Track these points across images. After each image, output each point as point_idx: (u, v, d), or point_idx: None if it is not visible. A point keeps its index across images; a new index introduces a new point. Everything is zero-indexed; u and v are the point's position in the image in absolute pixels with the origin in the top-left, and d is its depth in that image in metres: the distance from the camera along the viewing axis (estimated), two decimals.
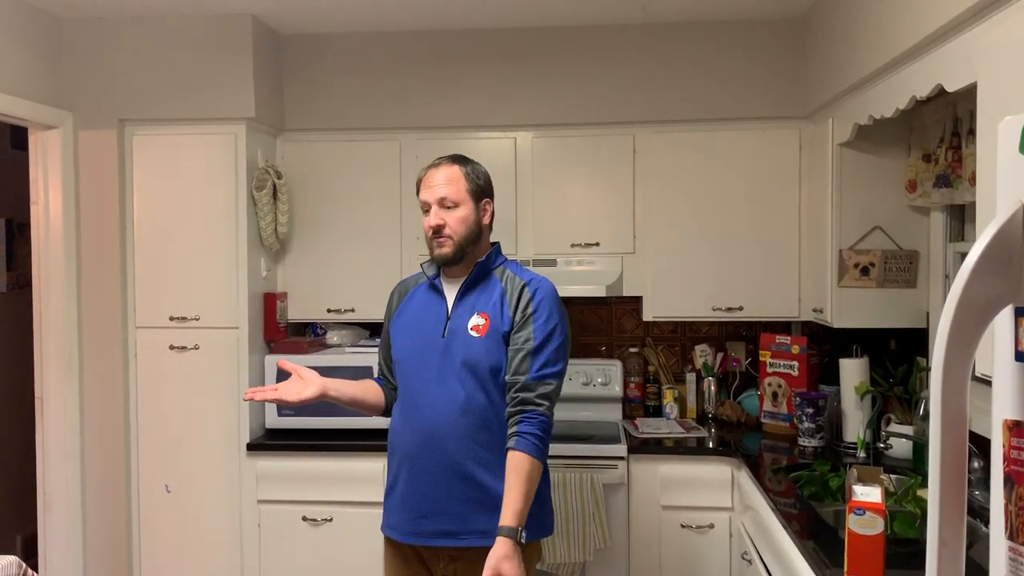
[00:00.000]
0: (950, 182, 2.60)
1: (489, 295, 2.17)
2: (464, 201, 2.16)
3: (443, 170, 2.18)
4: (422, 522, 2.11)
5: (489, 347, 2.10)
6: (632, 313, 3.73)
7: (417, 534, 2.12)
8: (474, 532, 2.06)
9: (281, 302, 3.46)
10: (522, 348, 2.08)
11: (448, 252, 2.15)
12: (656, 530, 3.08)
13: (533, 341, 2.08)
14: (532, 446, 2.00)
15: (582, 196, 3.42)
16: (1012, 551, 1.01)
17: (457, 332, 2.14)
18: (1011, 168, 1.04)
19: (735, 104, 3.35)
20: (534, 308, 2.11)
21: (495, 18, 3.32)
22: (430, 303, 2.22)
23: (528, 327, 2.10)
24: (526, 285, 2.15)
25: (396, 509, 2.17)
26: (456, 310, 2.17)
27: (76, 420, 3.28)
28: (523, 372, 2.06)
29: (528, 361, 2.07)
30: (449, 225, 2.14)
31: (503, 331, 2.12)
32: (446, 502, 2.08)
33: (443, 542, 2.09)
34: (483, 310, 2.15)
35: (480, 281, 2.20)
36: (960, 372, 0.99)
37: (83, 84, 3.28)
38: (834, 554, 1.90)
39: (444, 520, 2.09)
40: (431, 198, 2.16)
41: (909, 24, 2.17)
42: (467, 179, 2.19)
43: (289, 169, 3.50)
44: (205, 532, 3.29)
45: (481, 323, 2.13)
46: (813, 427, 3.07)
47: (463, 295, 2.19)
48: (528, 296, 2.13)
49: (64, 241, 3.24)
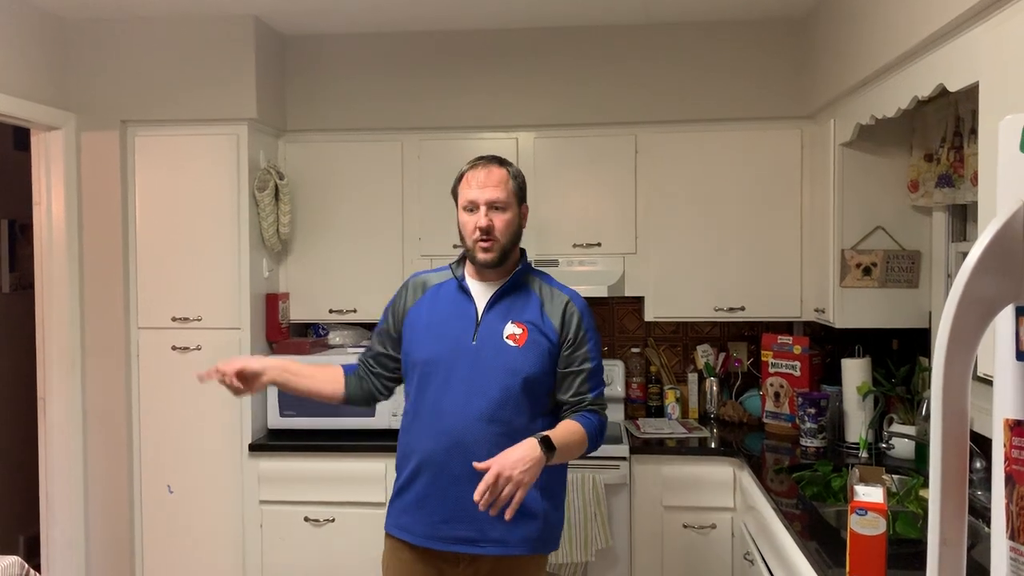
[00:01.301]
0: (952, 182, 2.59)
1: (524, 304, 2.12)
2: (511, 205, 2.10)
3: (494, 171, 2.10)
4: (442, 527, 2.06)
5: (527, 357, 2.06)
6: (634, 313, 3.73)
7: (435, 538, 2.07)
8: (492, 540, 2.05)
9: (283, 303, 3.47)
10: (582, 370, 2.10)
11: (494, 257, 2.08)
12: (658, 530, 3.08)
13: (591, 363, 2.11)
14: (590, 424, 2.07)
15: (584, 196, 3.42)
16: (1013, 551, 1.01)
17: (490, 339, 2.08)
18: (1012, 167, 1.04)
19: (737, 104, 3.35)
20: (586, 328, 2.13)
21: (497, 19, 3.33)
22: (457, 306, 2.14)
23: (584, 347, 2.11)
24: (570, 301, 2.14)
25: (411, 511, 2.11)
26: (487, 315, 2.11)
27: (78, 421, 3.28)
28: (585, 392, 2.10)
29: (589, 383, 2.11)
30: (498, 228, 2.07)
31: (548, 345, 2.09)
32: (471, 509, 1.99)
33: (461, 548, 2.06)
34: (519, 319, 2.09)
35: (515, 289, 2.14)
36: (961, 371, 0.98)
37: (85, 85, 3.29)
38: (836, 554, 1.90)
39: (465, 527, 2.05)
40: (481, 198, 2.07)
41: (911, 24, 2.17)
42: (514, 181, 2.13)
43: (291, 170, 3.50)
44: (207, 533, 3.29)
45: (518, 332, 2.08)
46: (815, 427, 3.07)
47: (496, 301, 2.12)
48: (578, 315, 2.13)
49: (66, 242, 3.24)
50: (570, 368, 2.10)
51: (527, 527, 2.06)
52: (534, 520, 2.07)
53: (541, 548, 2.12)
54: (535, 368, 2.07)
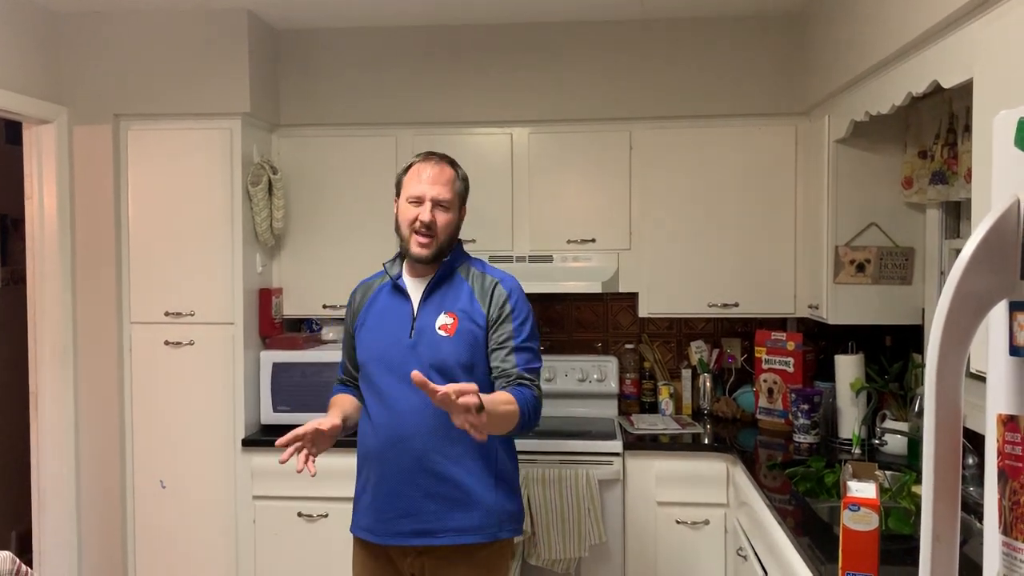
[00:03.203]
0: (946, 179, 2.60)
1: (456, 294, 2.17)
2: (454, 205, 2.18)
3: (442, 169, 2.17)
4: (398, 522, 2.10)
5: (458, 345, 2.11)
6: (628, 309, 3.73)
7: (393, 535, 2.12)
8: (451, 530, 2.08)
9: (276, 298, 3.46)
10: (505, 345, 2.12)
11: (430, 253, 2.14)
12: (651, 526, 3.08)
13: (515, 339, 2.13)
14: (521, 396, 2.01)
15: (578, 192, 3.41)
16: (1006, 546, 1.01)
17: (424, 332, 2.13)
18: (1006, 162, 1.04)
19: (731, 100, 3.35)
20: (512, 307, 2.15)
21: (491, 13, 3.32)
22: (394, 304, 2.20)
23: (508, 324, 2.14)
24: (498, 283, 2.19)
25: (368, 511, 2.16)
26: (422, 309, 2.16)
27: (71, 416, 3.27)
28: (511, 365, 2.11)
29: (514, 357, 2.12)
30: (439, 226, 2.14)
31: (476, 328, 2.13)
32: (421, 501, 2.08)
33: (420, 541, 2.09)
34: (450, 309, 2.15)
35: (445, 280, 2.20)
36: (955, 366, 0.98)
37: (78, 79, 3.27)
38: (829, 550, 1.90)
39: (420, 519, 2.09)
40: (429, 194, 2.13)
41: (905, 20, 2.17)
42: (461, 183, 2.22)
43: (284, 164, 3.49)
44: (200, 528, 3.28)
45: (449, 323, 2.13)
46: (808, 423, 3.08)
47: (429, 294, 2.18)
48: (504, 294, 2.16)
49: (59, 236, 3.22)
50: (497, 345, 2.13)
51: (479, 514, 2.09)
52: (484, 506, 2.10)
53: (497, 534, 2.13)
54: (467, 356, 2.11)
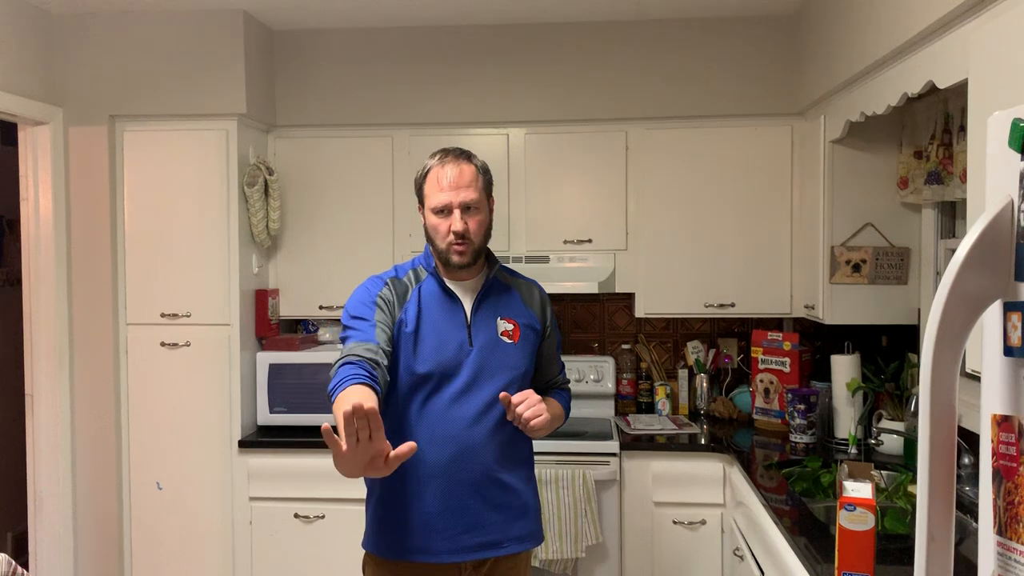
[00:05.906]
0: (941, 179, 2.60)
1: (508, 300, 2.09)
2: (482, 204, 2.01)
3: (462, 169, 1.98)
4: (461, 538, 1.96)
5: (523, 352, 2.06)
6: (624, 310, 3.73)
7: (456, 551, 1.96)
8: (512, 539, 2.03)
9: (273, 299, 3.45)
10: (556, 354, 2.21)
11: (469, 261, 1.99)
12: (648, 526, 3.08)
13: (557, 344, 2.22)
14: (565, 401, 2.21)
15: (575, 193, 3.41)
16: (1001, 546, 1.01)
17: (487, 340, 2.01)
18: (1000, 163, 1.04)
19: (727, 101, 3.35)
20: (552, 312, 2.19)
21: (488, 14, 3.32)
22: (445, 308, 2.02)
23: (557, 332, 2.21)
24: (540, 289, 2.19)
25: (424, 531, 1.96)
26: (476, 316, 2.03)
27: (67, 417, 3.26)
28: (556, 372, 2.23)
29: (557, 364, 2.23)
30: (472, 231, 1.97)
31: (534, 335, 2.10)
32: (488, 513, 1.98)
33: (486, 554, 1.99)
34: (507, 315, 2.06)
35: (494, 285, 2.09)
36: (949, 366, 0.99)
37: (73, 79, 3.26)
38: (825, 550, 1.91)
39: (486, 531, 1.98)
40: (455, 201, 1.95)
41: (901, 21, 2.17)
42: (483, 177, 2.03)
43: (281, 165, 3.48)
44: (197, 529, 3.28)
45: (511, 328, 2.05)
46: (805, 423, 3.08)
47: (481, 300, 2.05)
48: (546, 299, 2.19)
49: (54, 237, 3.22)
50: (549, 353, 2.18)
51: (532, 519, 2.09)
52: (533, 511, 2.11)
53: (542, 536, 2.16)
54: (528, 362, 2.08)
